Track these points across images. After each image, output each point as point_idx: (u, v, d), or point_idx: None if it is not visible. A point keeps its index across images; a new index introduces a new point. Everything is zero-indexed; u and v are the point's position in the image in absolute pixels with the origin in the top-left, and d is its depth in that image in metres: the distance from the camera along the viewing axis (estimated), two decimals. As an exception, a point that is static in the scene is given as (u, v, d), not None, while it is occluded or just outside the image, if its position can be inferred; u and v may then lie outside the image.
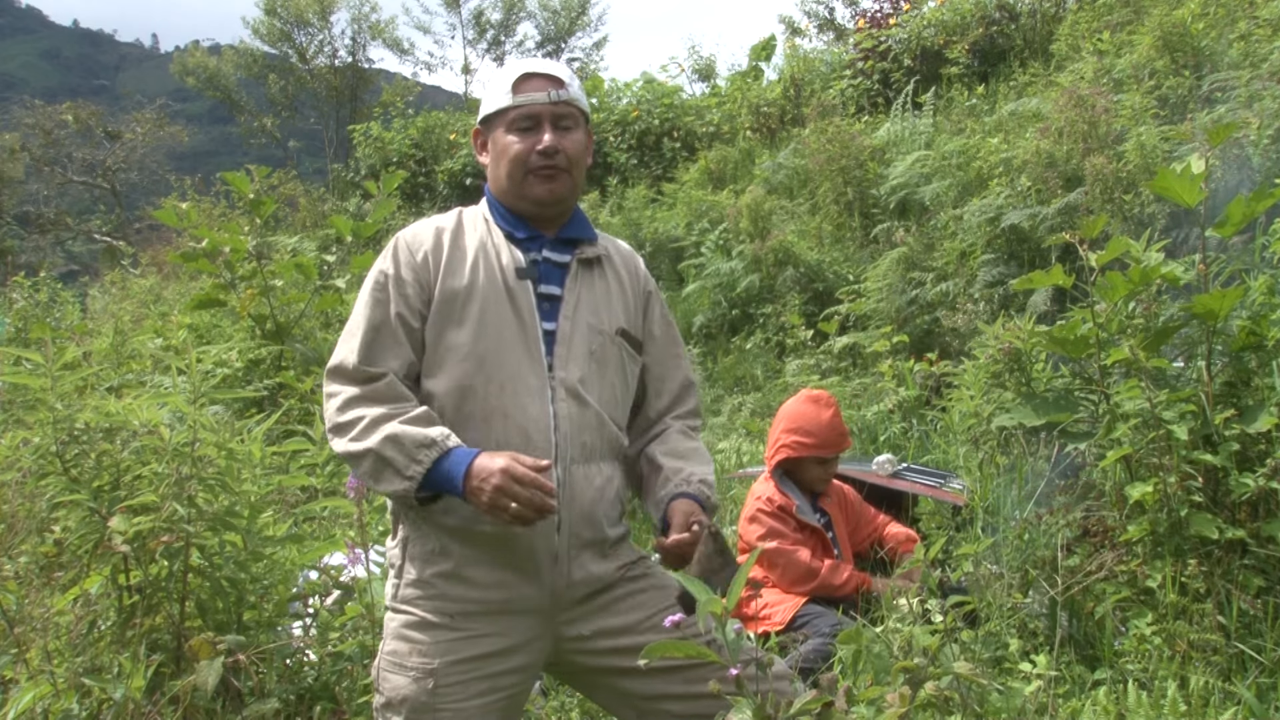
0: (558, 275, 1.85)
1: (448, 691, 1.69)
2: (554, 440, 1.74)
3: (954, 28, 9.61)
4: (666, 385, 1.97)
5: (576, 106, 1.85)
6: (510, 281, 1.80)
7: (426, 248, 1.82)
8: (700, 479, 1.83)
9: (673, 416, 1.96)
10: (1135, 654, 2.62)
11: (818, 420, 3.32)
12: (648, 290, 1.97)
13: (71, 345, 3.08)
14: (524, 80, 1.83)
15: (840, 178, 7.94)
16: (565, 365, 1.78)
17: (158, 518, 2.32)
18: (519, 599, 1.75)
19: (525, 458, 1.64)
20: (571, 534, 1.75)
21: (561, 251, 1.87)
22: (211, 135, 61.39)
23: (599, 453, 1.80)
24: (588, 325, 1.83)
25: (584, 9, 23.89)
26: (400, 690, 1.71)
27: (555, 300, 1.83)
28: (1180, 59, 6.39)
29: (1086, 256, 2.92)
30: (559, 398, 1.76)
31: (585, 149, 1.89)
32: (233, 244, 5.15)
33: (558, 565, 1.75)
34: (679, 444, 1.91)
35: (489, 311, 1.77)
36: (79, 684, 2.21)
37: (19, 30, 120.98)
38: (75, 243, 22.48)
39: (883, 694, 1.58)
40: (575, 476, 1.76)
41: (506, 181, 1.84)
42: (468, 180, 12.52)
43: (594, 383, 1.81)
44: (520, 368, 1.75)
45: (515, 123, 1.82)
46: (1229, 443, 2.73)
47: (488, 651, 1.73)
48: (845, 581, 3.19)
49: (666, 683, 1.77)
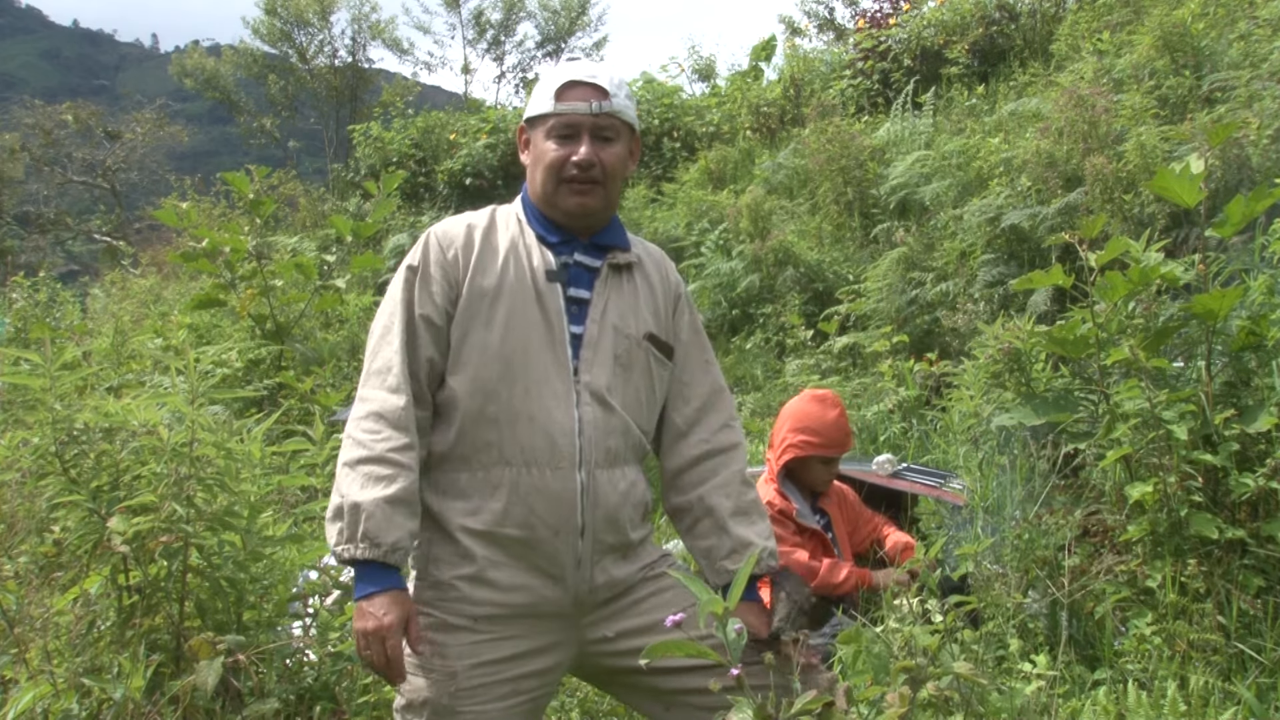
0: (587, 279, 1.84)
1: (470, 694, 1.69)
2: (578, 444, 1.73)
3: (954, 28, 9.61)
4: (695, 390, 1.93)
5: (620, 118, 1.82)
6: (540, 283, 1.79)
7: (458, 245, 1.81)
8: (770, 552, 1.85)
9: (711, 431, 1.92)
10: (1135, 654, 2.62)
11: (824, 419, 3.32)
12: (678, 294, 1.95)
13: (71, 345, 3.08)
14: (567, 88, 1.80)
15: (840, 178, 7.94)
16: (591, 369, 1.77)
17: (157, 518, 2.32)
18: (541, 602, 1.74)
19: (416, 630, 1.66)
20: (595, 538, 1.75)
21: (594, 256, 1.86)
22: (211, 135, 61.40)
23: (623, 457, 1.80)
24: (614, 329, 1.81)
25: (584, 9, 23.90)
26: (421, 692, 1.71)
27: (584, 304, 1.82)
28: (1180, 59, 6.39)
29: (1086, 256, 2.92)
30: (584, 402, 1.75)
31: (625, 161, 1.86)
32: (233, 244, 5.15)
33: (580, 569, 1.75)
34: (743, 497, 1.89)
35: (516, 313, 1.76)
36: (79, 684, 2.21)
37: (19, 30, 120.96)
38: (75, 243, 22.48)
39: (883, 694, 1.58)
40: (599, 481, 1.75)
41: (540, 188, 1.83)
42: (468, 180, 12.51)
43: (619, 388, 1.80)
44: (546, 371, 1.74)
45: (555, 130, 1.80)
46: (1229, 443, 2.73)
47: (510, 655, 1.72)
48: (844, 579, 3.19)
49: (693, 678, 1.76)
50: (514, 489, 1.72)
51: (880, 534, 3.54)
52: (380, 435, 1.69)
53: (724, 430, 1.93)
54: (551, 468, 1.72)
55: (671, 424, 1.93)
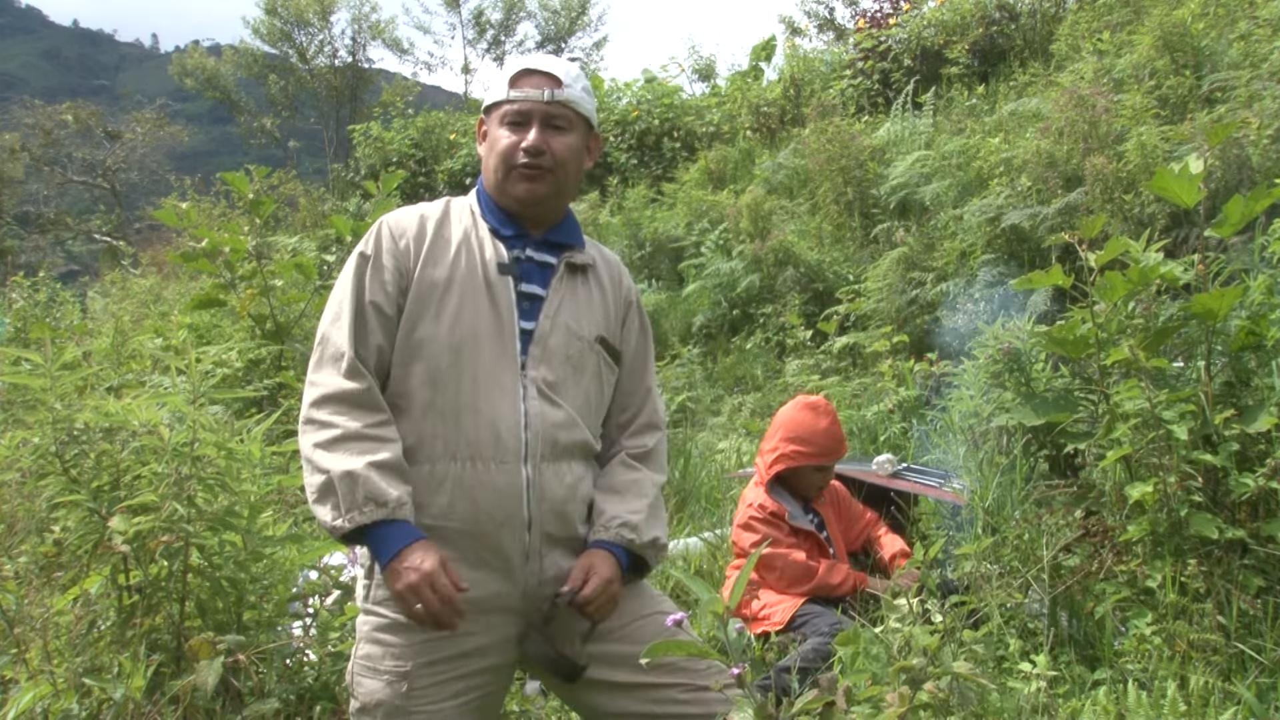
0: (540, 275, 1.83)
1: (422, 694, 1.68)
2: (524, 438, 1.73)
3: (954, 28, 9.61)
4: (634, 398, 1.95)
5: (573, 109, 1.82)
6: (491, 276, 1.78)
7: (409, 234, 1.80)
8: (621, 522, 1.79)
9: (628, 435, 1.93)
10: (1135, 654, 2.62)
11: (815, 428, 3.32)
12: (629, 301, 1.96)
13: (71, 345, 3.08)
14: (522, 76, 1.81)
15: (840, 178, 7.94)
16: (538, 365, 1.77)
17: (157, 518, 2.32)
18: (491, 597, 1.73)
19: (454, 572, 1.63)
20: (542, 532, 1.75)
21: (545, 252, 1.86)
22: (211, 135, 61.39)
23: (569, 452, 1.79)
24: (567, 329, 1.81)
25: (584, 9, 23.91)
26: (375, 694, 1.70)
27: (535, 300, 1.81)
28: (1180, 59, 6.39)
29: (1086, 256, 2.92)
30: (530, 396, 1.75)
31: (578, 152, 1.85)
32: (233, 244, 5.14)
33: (529, 562, 1.74)
34: (616, 477, 1.87)
35: (466, 305, 1.75)
36: (79, 684, 2.21)
37: (19, 30, 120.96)
38: (75, 243, 22.47)
39: (882, 694, 1.58)
40: (545, 475, 1.74)
41: (493, 175, 1.84)
42: (467, 180, 12.52)
43: (569, 387, 1.80)
44: (493, 364, 1.74)
45: (508, 116, 1.81)
46: (1229, 443, 2.73)
47: (461, 651, 1.71)
48: (842, 581, 3.19)
49: (631, 701, 1.76)
50: (459, 483, 1.71)
51: (875, 535, 3.53)
52: (350, 415, 1.68)
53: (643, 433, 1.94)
54: (496, 461, 1.71)
55: (609, 426, 1.94)
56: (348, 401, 1.69)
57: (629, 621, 1.79)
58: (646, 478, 1.89)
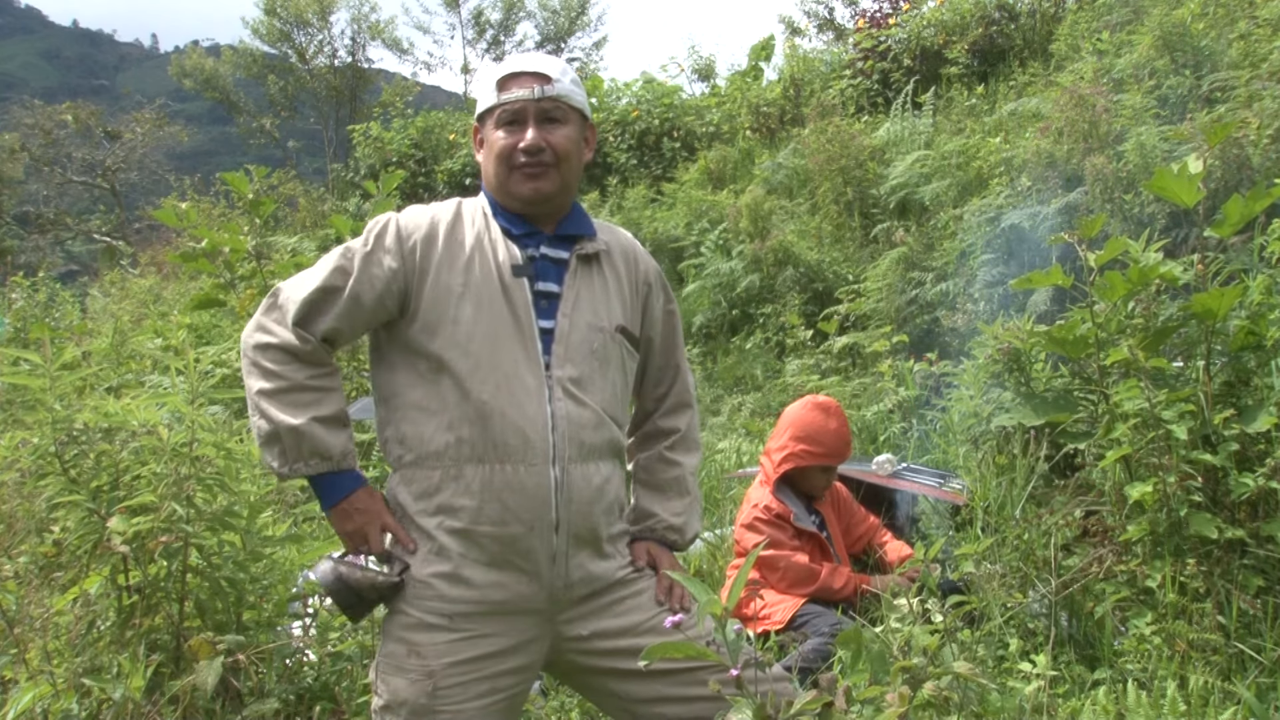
0: (555, 272, 1.83)
1: (447, 693, 1.69)
2: (551, 440, 1.72)
3: (954, 28, 9.61)
4: (665, 373, 2.00)
5: (566, 102, 1.81)
6: (506, 278, 1.77)
7: (418, 237, 1.79)
8: (666, 525, 1.94)
9: (660, 414, 2.01)
10: (1135, 654, 2.62)
11: (825, 429, 3.32)
12: (648, 282, 1.95)
13: (71, 345, 3.08)
14: (509, 79, 1.81)
15: (840, 178, 7.94)
16: (563, 364, 1.76)
17: (157, 518, 2.32)
18: (517, 599, 1.74)
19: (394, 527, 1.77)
20: (570, 533, 1.75)
21: (560, 248, 1.85)
22: (211, 135, 61.37)
23: (597, 452, 1.79)
24: (587, 324, 1.81)
25: (584, 9, 23.90)
26: (400, 693, 1.70)
27: (553, 298, 1.80)
28: (1180, 59, 6.38)
29: (1086, 256, 2.92)
30: (556, 397, 1.74)
31: (577, 143, 1.84)
32: (232, 244, 5.15)
33: (555, 565, 1.74)
34: (658, 475, 1.99)
35: (484, 309, 1.75)
36: (78, 684, 2.21)
37: (19, 30, 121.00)
38: (75, 243, 22.47)
39: (882, 694, 1.58)
40: (573, 476, 1.74)
41: (494, 179, 1.83)
42: (467, 180, 12.52)
43: (595, 381, 1.79)
44: (517, 367, 1.73)
45: (501, 119, 1.80)
46: (1228, 443, 2.73)
47: (487, 652, 1.72)
48: (844, 585, 3.19)
49: (663, 685, 1.76)
50: (487, 486, 1.71)
51: (879, 541, 3.53)
52: (294, 367, 1.74)
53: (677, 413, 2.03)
54: (525, 464, 1.71)
55: (640, 405, 2.03)
56: (292, 352, 1.75)
57: (653, 615, 1.82)
58: (685, 470, 2.00)
